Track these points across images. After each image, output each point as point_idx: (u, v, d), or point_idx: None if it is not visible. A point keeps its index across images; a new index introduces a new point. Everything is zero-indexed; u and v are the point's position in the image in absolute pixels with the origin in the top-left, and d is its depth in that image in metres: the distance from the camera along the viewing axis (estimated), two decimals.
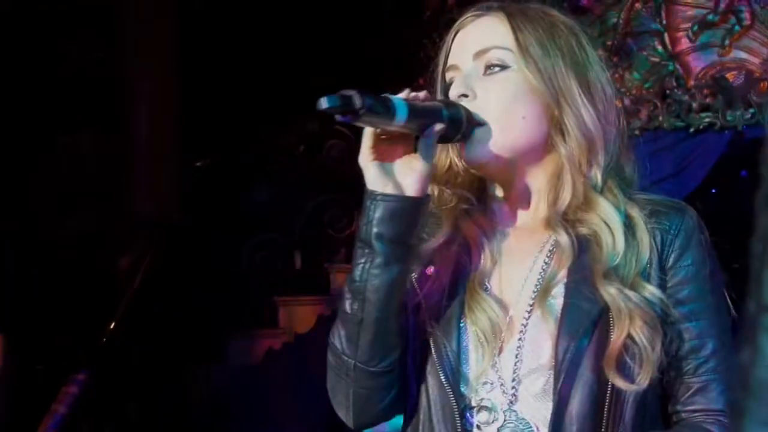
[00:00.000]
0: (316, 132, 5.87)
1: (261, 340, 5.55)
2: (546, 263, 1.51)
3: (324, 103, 1.31)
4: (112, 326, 4.65)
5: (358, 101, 1.31)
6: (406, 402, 1.57)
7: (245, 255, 5.90)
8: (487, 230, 1.56)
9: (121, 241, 5.24)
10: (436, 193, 1.59)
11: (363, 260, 1.43)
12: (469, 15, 1.58)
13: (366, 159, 1.42)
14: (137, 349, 4.86)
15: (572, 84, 1.50)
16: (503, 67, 1.52)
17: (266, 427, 5.00)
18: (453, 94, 1.51)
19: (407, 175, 1.43)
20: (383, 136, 1.42)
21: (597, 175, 1.50)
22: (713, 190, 5.52)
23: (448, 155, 1.59)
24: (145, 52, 5.35)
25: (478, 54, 1.53)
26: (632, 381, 1.41)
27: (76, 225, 4.86)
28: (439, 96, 1.56)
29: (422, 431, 1.51)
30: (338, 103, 1.31)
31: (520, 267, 1.53)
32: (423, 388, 1.52)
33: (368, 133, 1.41)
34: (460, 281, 1.53)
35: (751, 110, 4.53)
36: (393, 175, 1.43)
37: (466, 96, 1.50)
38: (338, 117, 1.33)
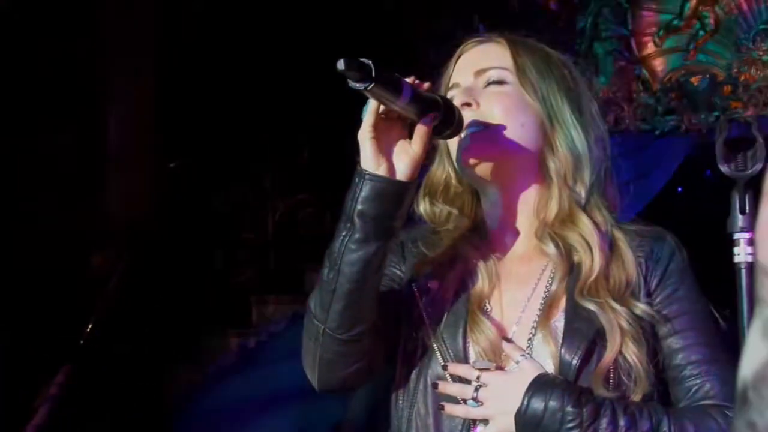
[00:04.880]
0: (290, 132, 5.92)
1: (235, 339, 5.58)
2: (548, 287, 1.59)
3: (341, 64, 1.34)
4: (89, 328, 4.67)
5: (372, 70, 1.35)
6: (396, 401, 1.64)
7: (220, 254, 5.93)
8: (485, 255, 1.64)
9: (95, 241, 5.25)
10: (431, 209, 1.70)
11: (343, 233, 1.48)
12: (471, 41, 1.70)
13: (365, 135, 1.46)
14: (114, 349, 4.87)
15: (565, 106, 1.62)
16: (502, 82, 1.63)
17: (240, 425, 5.03)
18: (456, 103, 1.59)
19: (401, 158, 1.48)
20: (383, 116, 1.46)
21: (581, 191, 1.61)
22: (679, 189, 5.64)
23: (445, 170, 1.70)
24: (122, 53, 5.36)
25: (479, 72, 1.64)
26: (624, 396, 1.50)
27: (51, 225, 4.86)
28: None
29: None
30: (354, 67, 1.34)
31: (520, 290, 1.61)
32: (422, 395, 1.59)
33: (371, 110, 1.45)
34: (462, 299, 1.60)
35: (715, 113, 4.65)
36: (387, 157, 1.47)
37: (469, 105, 1.59)
38: (351, 83, 1.36)
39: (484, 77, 1.64)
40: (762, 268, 0.45)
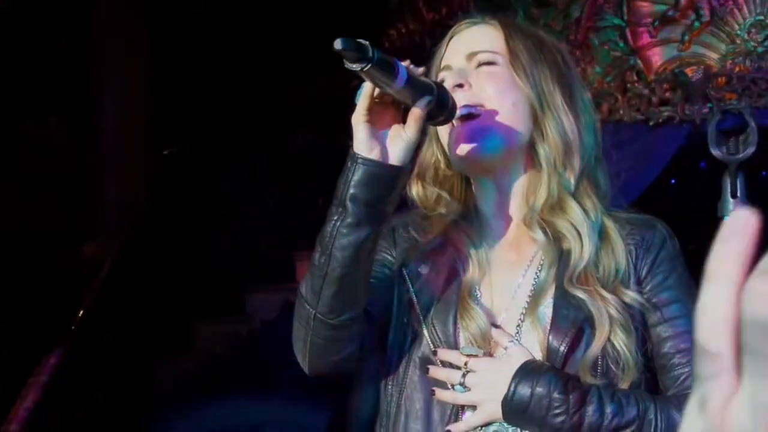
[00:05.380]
0: (283, 120, 5.91)
1: (227, 327, 5.58)
2: (537, 274, 1.60)
3: (339, 44, 1.33)
4: (80, 314, 4.66)
5: (370, 51, 1.35)
6: (385, 386, 1.65)
7: (212, 243, 5.93)
8: (475, 241, 1.65)
9: (88, 228, 5.24)
10: (423, 191, 1.70)
11: (335, 218, 1.47)
12: (464, 23, 1.70)
13: (359, 119, 1.45)
14: (105, 337, 4.87)
15: (556, 92, 1.61)
16: (493, 63, 1.63)
17: (232, 413, 5.04)
18: (448, 84, 1.60)
19: (394, 143, 1.47)
20: (377, 100, 1.45)
21: (571, 177, 1.61)
22: (672, 181, 5.65)
23: (434, 153, 1.70)
24: (114, 39, 5.34)
25: (471, 55, 1.64)
26: (612, 384, 1.51)
27: (44, 212, 4.85)
28: None
29: (412, 419, 1.59)
30: (352, 47, 1.34)
31: (510, 276, 1.63)
32: (411, 380, 1.60)
33: (366, 94, 1.44)
34: (453, 285, 1.61)
35: (709, 104, 4.65)
36: (380, 141, 1.46)
37: (461, 86, 1.60)
38: (348, 64, 1.36)
39: (475, 59, 1.64)
40: (700, 347, 0.47)
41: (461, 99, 1.59)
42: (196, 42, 5.60)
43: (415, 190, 1.71)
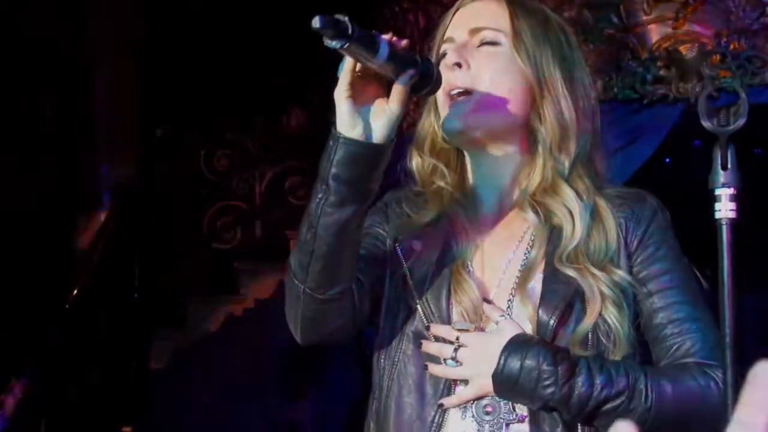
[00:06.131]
0: (277, 99, 5.89)
1: (222, 307, 5.58)
2: (528, 251, 1.61)
3: (316, 22, 1.30)
4: (75, 293, 4.66)
5: (349, 27, 1.32)
6: (378, 359, 1.66)
7: (206, 222, 5.92)
8: (469, 217, 1.65)
9: (81, 207, 5.23)
10: (420, 162, 1.71)
11: (320, 196, 1.46)
12: None
13: (341, 95, 1.43)
14: (100, 316, 4.87)
15: (556, 75, 1.61)
16: (495, 43, 1.62)
17: (226, 392, 5.05)
18: (447, 62, 1.61)
19: (378, 118, 1.45)
20: (359, 74, 1.43)
21: (566, 162, 1.61)
22: (667, 160, 5.65)
23: (431, 125, 1.70)
24: (107, 16, 5.32)
25: (474, 31, 1.64)
26: (603, 356, 1.52)
27: (37, 191, 4.84)
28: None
29: (405, 393, 1.59)
30: (330, 25, 1.31)
31: (501, 253, 1.63)
32: (404, 355, 1.61)
33: (348, 68, 1.41)
34: (446, 261, 1.61)
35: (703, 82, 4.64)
36: (363, 117, 1.44)
37: (459, 66, 1.60)
38: (327, 42, 1.33)
39: (478, 36, 1.64)
40: None
41: (458, 79, 1.60)
42: (189, 22, 5.57)
43: (414, 160, 1.72)
